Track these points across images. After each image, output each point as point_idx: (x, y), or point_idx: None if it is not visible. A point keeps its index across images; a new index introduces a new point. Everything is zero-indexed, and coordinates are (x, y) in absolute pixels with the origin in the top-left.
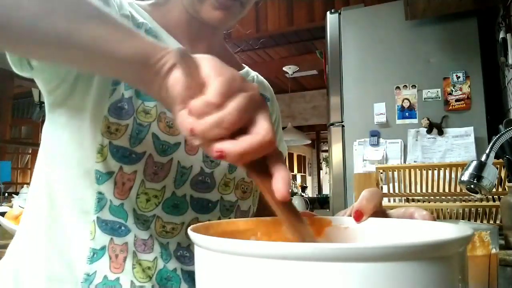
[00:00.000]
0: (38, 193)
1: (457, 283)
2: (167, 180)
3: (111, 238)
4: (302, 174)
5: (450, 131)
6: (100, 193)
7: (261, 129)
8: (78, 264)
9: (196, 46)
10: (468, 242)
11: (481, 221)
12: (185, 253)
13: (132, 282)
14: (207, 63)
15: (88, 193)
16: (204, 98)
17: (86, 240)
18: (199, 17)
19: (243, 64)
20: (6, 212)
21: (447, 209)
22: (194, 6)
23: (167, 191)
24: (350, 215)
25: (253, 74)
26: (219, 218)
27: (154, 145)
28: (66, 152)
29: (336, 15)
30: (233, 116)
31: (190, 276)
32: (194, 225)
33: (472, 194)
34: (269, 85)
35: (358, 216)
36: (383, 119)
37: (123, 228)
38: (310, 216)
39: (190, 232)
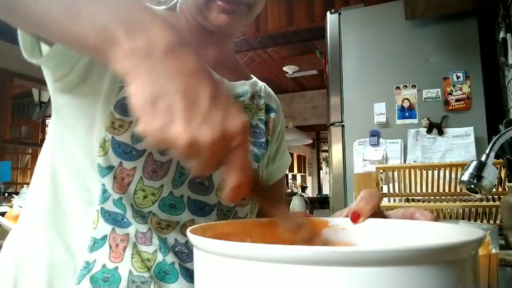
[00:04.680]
0: (42, 182)
1: (470, 286)
2: (166, 179)
3: (113, 228)
4: (302, 174)
5: (450, 131)
6: (104, 185)
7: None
8: (79, 252)
9: (206, 54)
10: (481, 244)
11: (481, 221)
12: (183, 249)
13: (130, 271)
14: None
15: (94, 184)
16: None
17: (88, 229)
18: (207, 24)
19: (252, 75)
20: (6, 212)
21: (447, 209)
22: (201, 12)
23: (164, 190)
24: (347, 216)
25: (261, 84)
26: None
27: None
28: (76, 144)
29: (336, 15)
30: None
31: (187, 272)
32: (192, 226)
33: (472, 194)
34: (276, 97)
35: (355, 218)
36: (383, 119)
37: (125, 220)
38: (307, 217)
39: (188, 233)
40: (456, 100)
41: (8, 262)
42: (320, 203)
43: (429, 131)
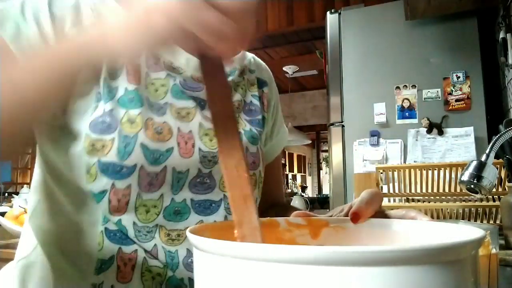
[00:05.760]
0: (43, 206)
1: (470, 286)
2: (164, 188)
3: (120, 248)
4: (302, 174)
5: (450, 131)
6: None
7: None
8: (87, 275)
9: None
10: (481, 244)
11: (481, 221)
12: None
13: None
14: None
15: (94, 207)
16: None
17: (94, 251)
18: None
19: None
20: (6, 212)
21: (447, 209)
22: None
23: (165, 199)
24: (347, 214)
25: (250, 56)
26: (225, 218)
27: (145, 156)
28: (68, 172)
29: (336, 15)
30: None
31: None
32: (192, 227)
33: (472, 194)
34: (267, 68)
35: (355, 218)
36: (383, 119)
37: (129, 238)
38: (307, 216)
39: (188, 234)
40: (456, 100)
41: (15, 285)
42: (320, 203)
43: (429, 131)
